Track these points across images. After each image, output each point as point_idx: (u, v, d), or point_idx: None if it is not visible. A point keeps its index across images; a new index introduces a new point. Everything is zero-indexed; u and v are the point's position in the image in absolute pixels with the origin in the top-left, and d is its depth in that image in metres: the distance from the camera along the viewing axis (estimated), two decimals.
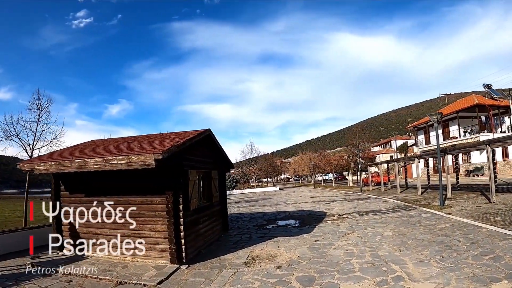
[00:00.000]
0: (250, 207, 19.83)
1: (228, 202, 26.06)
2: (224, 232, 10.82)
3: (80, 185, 8.26)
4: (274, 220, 12.92)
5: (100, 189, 8.02)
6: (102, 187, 7.99)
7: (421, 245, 7.06)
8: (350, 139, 41.07)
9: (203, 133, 8.66)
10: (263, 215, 15.04)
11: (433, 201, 14.39)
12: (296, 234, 9.46)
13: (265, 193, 37.40)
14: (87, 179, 8.07)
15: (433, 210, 11.61)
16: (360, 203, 16.69)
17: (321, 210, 14.99)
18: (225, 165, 11.34)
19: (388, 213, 12.07)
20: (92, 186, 8.13)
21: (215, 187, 10.06)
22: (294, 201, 21.61)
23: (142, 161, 6.50)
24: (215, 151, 10.28)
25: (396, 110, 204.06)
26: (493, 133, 31.01)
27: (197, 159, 8.86)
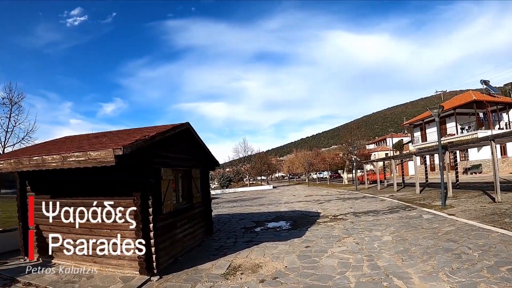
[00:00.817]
0: (240, 207, 18.89)
1: (220, 202, 25.41)
2: (208, 236, 9.87)
3: (45, 185, 7.36)
4: (264, 222, 11.99)
5: (65, 189, 7.06)
6: (67, 188, 7.04)
7: (426, 253, 6.16)
8: (345, 136, 40.30)
9: (179, 127, 7.68)
10: (252, 216, 14.10)
11: (433, 200, 13.55)
12: (285, 239, 8.53)
13: (258, 192, 36.48)
14: (52, 179, 7.18)
15: (435, 211, 10.75)
16: (356, 202, 15.82)
17: (314, 210, 14.09)
18: (208, 163, 10.37)
19: (386, 214, 11.19)
20: (57, 186, 7.20)
21: (196, 186, 9.10)
22: (287, 201, 20.71)
23: (101, 158, 5.52)
24: (196, 148, 9.32)
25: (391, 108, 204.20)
26: (491, 130, 30.34)
27: (174, 156, 7.89)
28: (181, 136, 8.24)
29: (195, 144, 9.12)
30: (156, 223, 6.51)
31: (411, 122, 40.88)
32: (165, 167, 7.24)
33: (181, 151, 8.45)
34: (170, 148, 7.76)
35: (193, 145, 9.11)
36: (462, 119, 33.19)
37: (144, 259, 6.26)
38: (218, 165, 10.91)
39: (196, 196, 9.07)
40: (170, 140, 7.52)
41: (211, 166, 10.63)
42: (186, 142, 8.72)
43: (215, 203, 23.86)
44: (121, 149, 5.33)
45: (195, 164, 9.33)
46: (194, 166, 9.15)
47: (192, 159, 9.12)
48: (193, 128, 8.61)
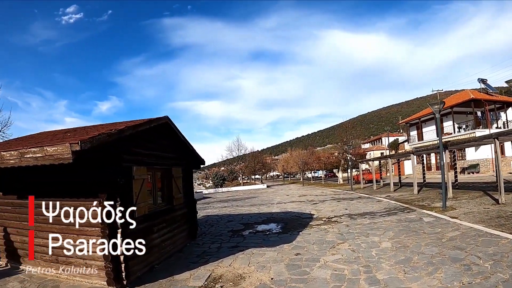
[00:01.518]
0: (231, 208, 18.10)
1: (211, 201, 24.61)
2: (192, 240, 9.09)
3: (13, 184, 6.65)
4: (253, 224, 11.21)
5: (32, 189, 6.26)
6: (34, 187, 6.26)
7: (430, 263, 5.42)
8: (341, 135, 39.61)
9: (155, 121, 6.87)
10: (242, 217, 13.32)
11: (432, 201, 12.88)
12: (274, 244, 7.76)
13: (251, 192, 35.71)
14: (18, 177, 6.44)
15: (435, 213, 10.05)
16: (351, 203, 15.10)
17: (307, 211, 13.33)
18: (193, 162, 9.57)
19: (384, 216, 10.46)
20: (24, 185, 6.48)
21: (177, 187, 8.29)
22: (279, 201, 19.95)
23: (58, 154, 4.75)
24: (178, 145, 8.51)
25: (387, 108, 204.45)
26: (489, 129, 29.84)
27: (150, 153, 7.09)
28: (159, 131, 7.45)
29: (177, 140, 8.32)
30: (125, 228, 5.72)
31: (408, 120, 40.31)
32: (139, 165, 6.44)
33: (160, 148, 7.65)
34: (146, 144, 6.97)
35: (174, 142, 8.31)
36: (459, 118, 32.64)
37: (111, 269, 5.51)
38: (204, 163, 10.11)
39: (177, 197, 8.27)
40: (145, 135, 6.73)
41: (195, 164, 9.82)
42: (166, 138, 7.93)
43: (206, 203, 23.09)
44: (79, 144, 4.55)
45: (177, 162, 8.53)
46: (175, 165, 8.35)
47: (173, 157, 8.32)
48: (173, 123, 7.83)
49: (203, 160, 9.96)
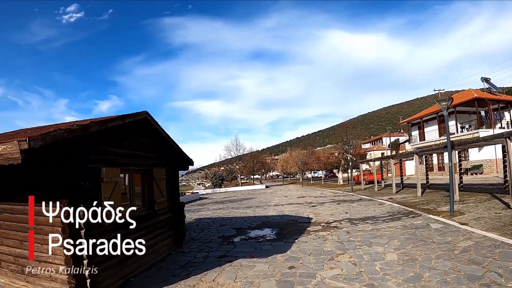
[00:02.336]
0: (226, 210, 17.32)
1: (206, 203, 23.81)
2: (178, 247, 8.32)
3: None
4: (246, 229, 10.43)
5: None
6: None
7: (444, 282, 4.64)
8: (341, 135, 38.81)
9: (131, 116, 6.08)
10: (236, 221, 12.55)
11: (438, 204, 12.08)
12: (266, 254, 6.98)
13: (249, 192, 34.94)
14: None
15: (443, 219, 9.27)
16: (351, 206, 14.31)
17: (305, 215, 12.54)
18: (179, 162, 8.79)
19: (387, 221, 9.67)
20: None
21: (159, 189, 7.51)
22: (277, 202, 19.16)
23: (7, 154, 3.98)
24: (161, 143, 7.74)
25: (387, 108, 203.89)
26: (492, 129, 29.06)
27: (125, 153, 6.32)
28: (137, 128, 6.68)
29: (159, 139, 7.53)
30: (89, 238, 4.98)
31: (409, 120, 39.50)
32: (110, 165, 5.66)
33: (138, 146, 6.88)
34: (121, 143, 6.20)
35: (155, 140, 7.53)
36: (462, 117, 31.82)
37: (75, 284, 4.77)
38: (192, 164, 9.32)
39: (159, 201, 7.49)
40: (118, 133, 5.96)
41: (182, 165, 9.04)
42: (145, 136, 7.16)
43: (201, 205, 22.31)
44: (27, 141, 3.78)
45: (159, 162, 7.77)
46: (157, 165, 7.58)
47: (154, 156, 7.55)
48: (154, 119, 7.05)
49: (191, 160, 9.18)
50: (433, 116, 34.43)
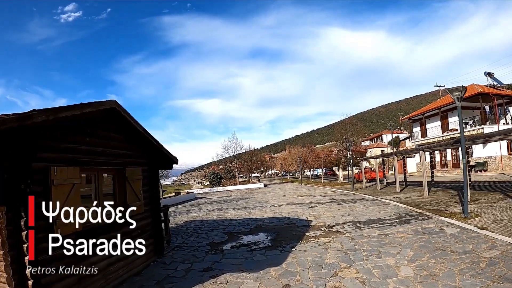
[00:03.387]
0: (220, 211, 16.31)
1: (201, 203, 22.75)
2: (159, 257, 7.34)
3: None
4: (238, 235, 9.43)
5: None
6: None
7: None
8: (341, 132, 37.78)
9: (92, 105, 5.03)
10: (228, 224, 11.55)
11: (447, 205, 11.11)
12: (258, 267, 5.98)
13: (247, 191, 33.96)
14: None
15: (458, 222, 8.28)
16: (354, 206, 13.31)
17: (304, 217, 11.55)
18: (160, 160, 7.78)
19: (395, 225, 8.67)
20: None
21: (134, 192, 6.50)
22: (274, 203, 18.16)
23: None
24: (136, 139, 6.73)
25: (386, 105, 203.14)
26: (497, 125, 28.12)
27: (88, 150, 5.31)
28: (105, 120, 5.67)
29: (133, 133, 6.52)
30: (39, 254, 4.00)
31: (410, 116, 38.55)
32: (66, 164, 4.65)
33: (107, 142, 5.87)
34: (82, 138, 5.18)
35: (130, 135, 6.52)
36: (465, 113, 30.81)
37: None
38: (176, 162, 8.32)
39: (134, 205, 6.47)
40: (77, 125, 4.95)
41: (163, 163, 8.04)
42: (116, 130, 6.15)
43: (194, 205, 21.30)
44: None
45: (135, 161, 6.76)
46: (131, 164, 6.57)
47: (128, 154, 6.54)
48: (126, 110, 6.03)
49: (175, 158, 8.17)
50: (435, 112, 33.48)
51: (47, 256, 4.17)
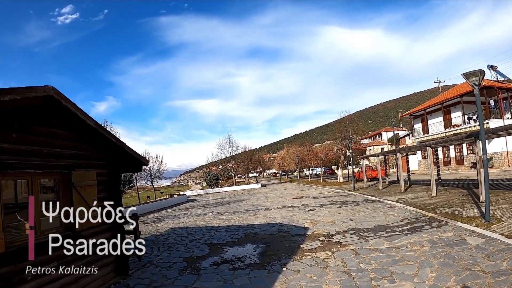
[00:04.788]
0: (209, 216, 15.00)
1: (192, 207, 21.34)
2: (122, 277, 6.04)
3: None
4: (223, 246, 8.12)
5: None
6: None
7: None
8: (340, 129, 36.47)
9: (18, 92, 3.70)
10: (215, 232, 10.24)
11: (461, 207, 9.84)
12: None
13: (243, 192, 32.65)
14: None
15: (479, 229, 7.00)
16: (356, 210, 12.01)
17: (300, 223, 10.24)
18: (124, 161, 6.47)
19: (406, 233, 7.36)
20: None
21: (85, 201, 5.19)
22: (269, 205, 16.85)
23: None
24: (87, 135, 5.42)
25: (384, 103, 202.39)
26: (503, 119, 26.90)
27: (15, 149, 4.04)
28: (41, 112, 4.37)
29: (82, 128, 5.21)
30: None
31: (411, 112, 37.25)
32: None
33: (45, 140, 4.57)
34: (3, 134, 3.88)
35: (79, 131, 5.22)
36: (468, 108, 29.61)
37: None
38: (145, 163, 7.01)
39: (86, 218, 5.17)
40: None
41: (128, 165, 6.71)
42: (59, 124, 4.86)
43: (184, 209, 19.99)
44: None
45: (86, 163, 5.46)
46: (81, 166, 5.27)
47: (76, 154, 5.24)
48: (71, 100, 4.72)
49: (143, 158, 6.88)
50: (437, 107, 32.21)
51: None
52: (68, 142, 5.12)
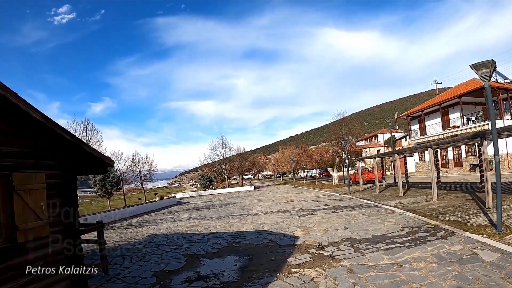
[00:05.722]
0: (195, 221, 14.01)
1: (179, 210, 20.12)
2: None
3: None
4: (201, 258, 7.16)
5: None
6: None
7: None
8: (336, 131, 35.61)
9: None
10: (196, 240, 9.27)
11: (466, 214, 8.96)
12: None
13: (235, 195, 31.68)
14: None
15: (491, 240, 6.12)
16: (351, 216, 11.08)
17: (289, 232, 9.28)
18: (80, 160, 5.49)
19: (409, 245, 6.44)
20: None
21: (29, 207, 4.22)
22: (260, 210, 15.88)
23: None
24: (33, 130, 4.46)
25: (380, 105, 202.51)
26: (503, 121, 26.20)
27: None
28: None
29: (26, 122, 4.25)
30: None
31: (409, 113, 36.51)
32: None
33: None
34: None
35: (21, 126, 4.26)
36: (466, 109, 28.90)
37: None
38: (110, 164, 6.02)
39: (30, 227, 4.22)
40: None
41: (91, 166, 5.75)
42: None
43: (170, 213, 18.98)
44: None
45: (33, 163, 4.48)
46: (26, 167, 4.30)
47: (18, 152, 4.27)
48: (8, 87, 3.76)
49: (108, 158, 5.88)
50: (435, 108, 31.48)
51: None
52: (9, 138, 4.17)
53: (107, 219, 16.80)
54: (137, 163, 30.02)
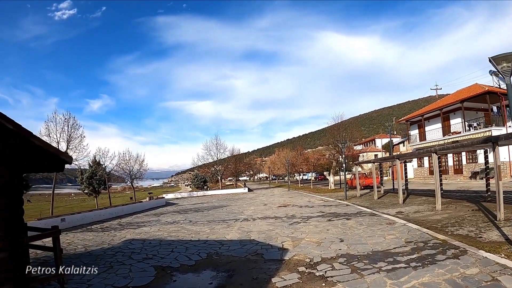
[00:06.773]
0: (179, 225, 12.99)
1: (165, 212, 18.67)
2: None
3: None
4: (173, 272, 6.16)
5: None
6: None
7: None
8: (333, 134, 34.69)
9: None
10: (172, 250, 8.25)
11: (476, 227, 8.03)
12: None
13: (227, 197, 30.67)
14: None
15: (510, 262, 5.17)
16: (348, 225, 10.11)
17: (278, 243, 8.27)
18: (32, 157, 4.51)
19: (414, 265, 5.47)
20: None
21: None
22: (249, 215, 14.87)
23: None
24: None
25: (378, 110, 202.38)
26: (505, 127, 25.36)
27: None
28: None
29: None
30: None
31: (408, 118, 35.68)
32: None
33: None
34: None
35: None
36: (468, 115, 28.07)
37: None
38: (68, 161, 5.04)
39: None
40: None
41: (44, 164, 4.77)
42: None
43: (156, 215, 17.95)
44: None
45: None
46: None
47: None
48: None
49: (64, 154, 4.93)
50: (436, 113, 30.67)
51: None
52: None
53: (88, 219, 15.81)
54: (127, 161, 28.99)
